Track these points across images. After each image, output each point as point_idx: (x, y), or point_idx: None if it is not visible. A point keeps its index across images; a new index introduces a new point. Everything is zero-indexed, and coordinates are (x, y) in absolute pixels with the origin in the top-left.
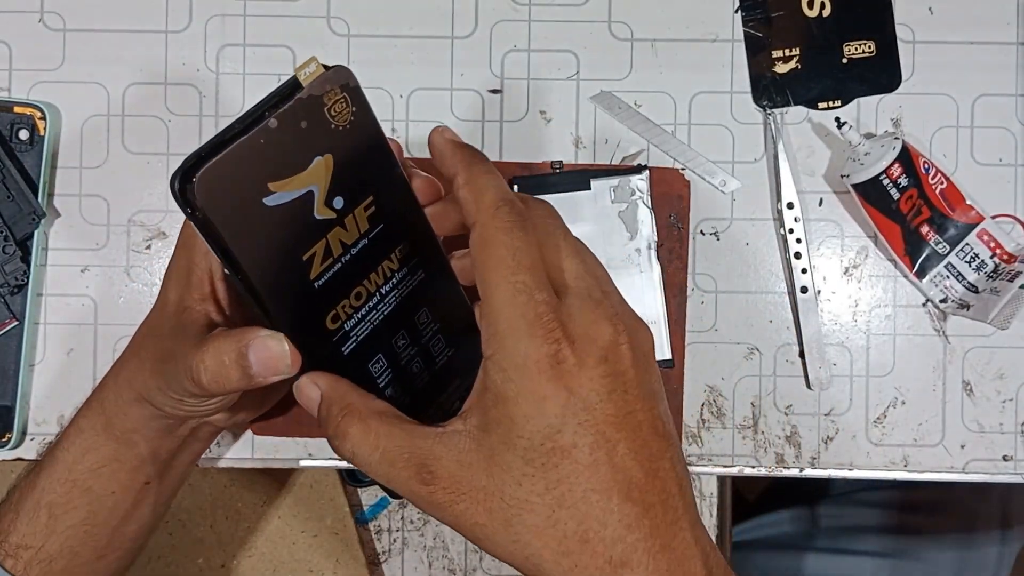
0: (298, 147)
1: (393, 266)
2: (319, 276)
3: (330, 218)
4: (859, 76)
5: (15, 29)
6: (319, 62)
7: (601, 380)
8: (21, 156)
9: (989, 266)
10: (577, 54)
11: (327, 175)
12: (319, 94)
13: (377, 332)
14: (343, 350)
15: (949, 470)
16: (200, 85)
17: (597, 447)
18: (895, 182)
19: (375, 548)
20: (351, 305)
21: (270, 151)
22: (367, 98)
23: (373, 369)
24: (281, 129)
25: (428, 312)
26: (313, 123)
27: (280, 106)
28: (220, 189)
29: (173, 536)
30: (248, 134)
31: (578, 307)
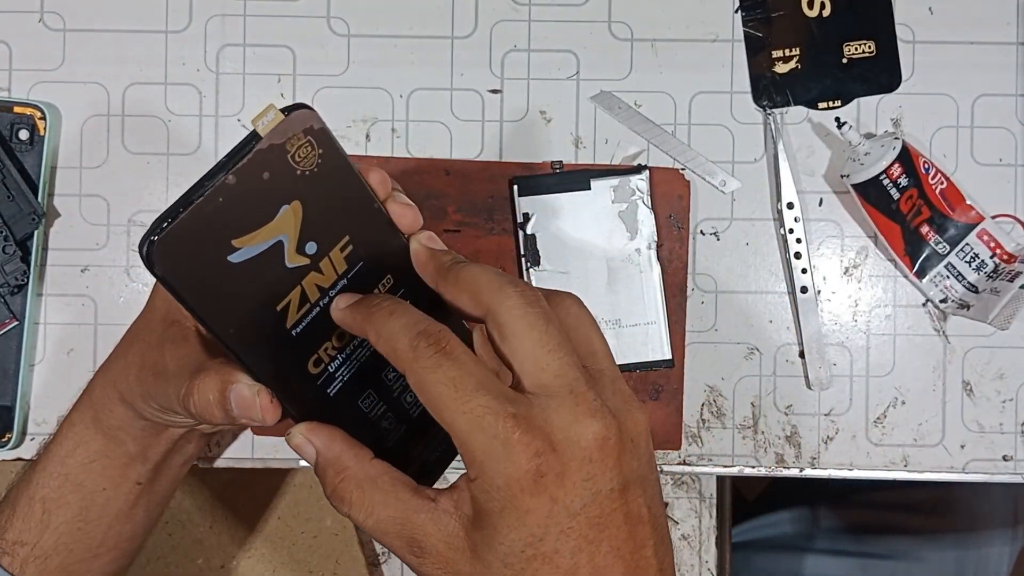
0: (262, 199)
1: None
2: (296, 323)
3: (303, 264)
4: (859, 76)
5: (15, 29)
6: (277, 109)
7: (584, 484)
8: (21, 156)
9: (989, 266)
10: (577, 54)
11: (296, 223)
12: (280, 142)
13: (364, 368)
14: (328, 392)
15: (949, 470)
16: (200, 85)
17: (579, 551)
18: (895, 182)
19: (375, 549)
20: (333, 347)
21: (231, 208)
22: (334, 138)
23: (363, 406)
24: (241, 184)
25: None
26: (276, 172)
27: (238, 161)
28: (180, 253)
29: (173, 536)
30: (204, 195)
31: (556, 407)
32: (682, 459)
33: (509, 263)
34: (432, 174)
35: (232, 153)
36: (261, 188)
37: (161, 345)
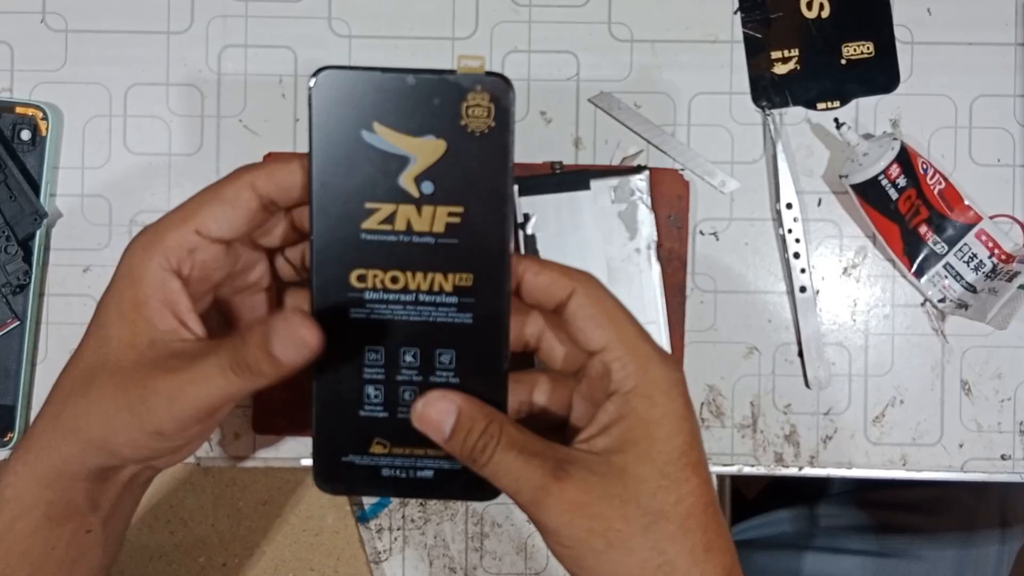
0: (420, 115)
1: (445, 286)
2: (370, 232)
3: (410, 193)
4: (858, 77)
5: (17, 30)
6: (484, 63)
7: None
8: (23, 156)
9: (987, 266)
10: (577, 55)
11: (431, 157)
12: (465, 87)
13: (391, 328)
14: (350, 313)
15: (947, 469)
16: (202, 86)
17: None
18: (893, 182)
19: (376, 547)
20: (383, 281)
21: (392, 99)
22: (512, 122)
23: (367, 356)
24: (414, 89)
25: (453, 357)
26: (445, 107)
27: (425, 72)
28: (334, 94)
29: (175, 535)
30: (383, 71)
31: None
32: None
33: None
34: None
35: (426, 70)
36: (424, 106)
37: (146, 369)
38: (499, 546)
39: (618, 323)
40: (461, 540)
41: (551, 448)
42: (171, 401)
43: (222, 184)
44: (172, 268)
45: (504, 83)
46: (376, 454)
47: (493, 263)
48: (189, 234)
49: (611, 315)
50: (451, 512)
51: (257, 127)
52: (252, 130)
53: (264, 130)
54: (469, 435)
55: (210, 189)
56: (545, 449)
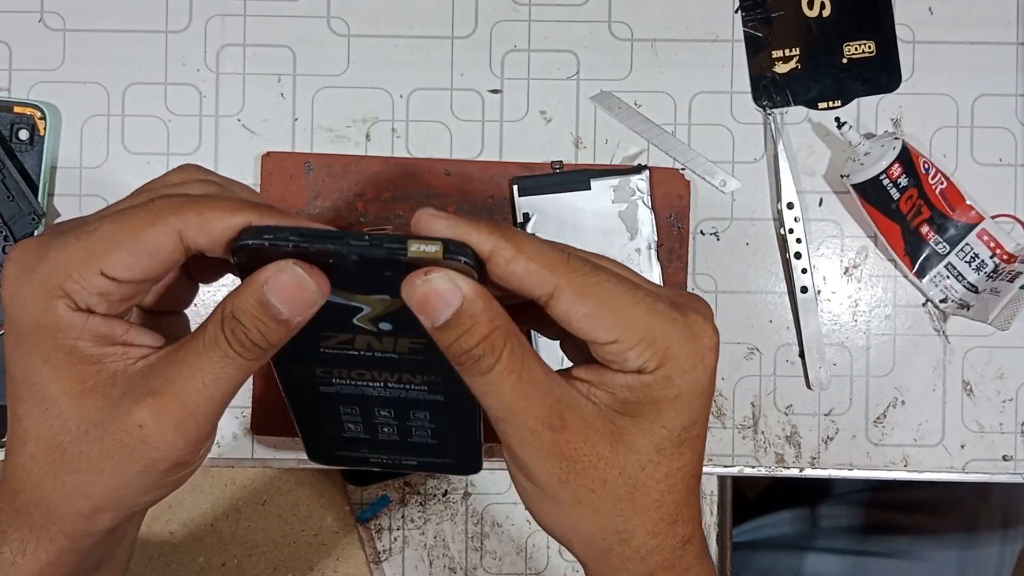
0: (369, 281)
1: (414, 380)
2: (329, 347)
3: (369, 329)
4: (859, 76)
5: (15, 29)
6: (441, 251)
7: None
8: (21, 156)
9: (989, 266)
10: (577, 54)
11: (386, 308)
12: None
13: (362, 394)
14: (320, 389)
15: (949, 470)
16: (200, 85)
17: (705, 431)
18: (895, 182)
19: (376, 547)
20: (349, 375)
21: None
22: None
23: (343, 410)
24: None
25: (428, 415)
26: (398, 278)
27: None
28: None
29: (174, 535)
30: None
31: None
32: None
33: None
34: (432, 174)
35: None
36: (373, 275)
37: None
38: (499, 546)
39: (622, 312)
40: (461, 540)
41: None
42: (181, 423)
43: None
44: (81, 308)
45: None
46: (364, 452)
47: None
48: (94, 276)
49: (613, 306)
50: (451, 512)
51: (255, 126)
52: (250, 129)
53: (263, 129)
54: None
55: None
56: (544, 382)
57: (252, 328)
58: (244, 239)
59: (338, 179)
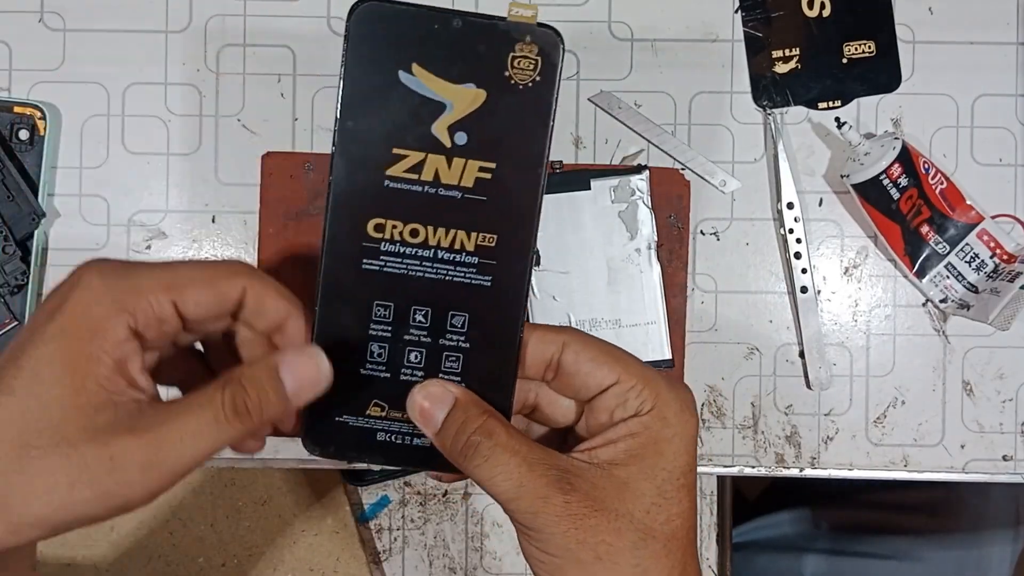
0: (462, 61)
1: (467, 245)
2: (394, 179)
3: (442, 143)
4: (859, 76)
5: (15, 29)
6: (536, 13)
7: None
8: (21, 156)
9: (989, 266)
10: (577, 54)
11: (469, 106)
12: (513, 37)
13: (404, 284)
14: (363, 263)
15: (949, 470)
16: (200, 85)
17: (696, 490)
18: (895, 182)
19: (376, 547)
20: (401, 234)
21: (434, 41)
22: (557, 79)
23: (376, 311)
24: (459, 32)
25: (466, 321)
26: (489, 55)
27: (473, 15)
28: (373, 29)
29: (174, 535)
30: (428, 10)
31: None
32: None
33: None
34: None
35: (474, 13)
36: (468, 52)
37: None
38: (499, 546)
39: (620, 358)
40: (461, 540)
41: (551, 455)
42: (149, 467)
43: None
44: (137, 329)
45: (555, 36)
46: (373, 416)
47: (520, 226)
48: (167, 304)
49: (611, 352)
50: (451, 512)
51: (256, 126)
52: (251, 130)
53: (263, 129)
54: (463, 427)
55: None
56: (546, 456)
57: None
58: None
59: None
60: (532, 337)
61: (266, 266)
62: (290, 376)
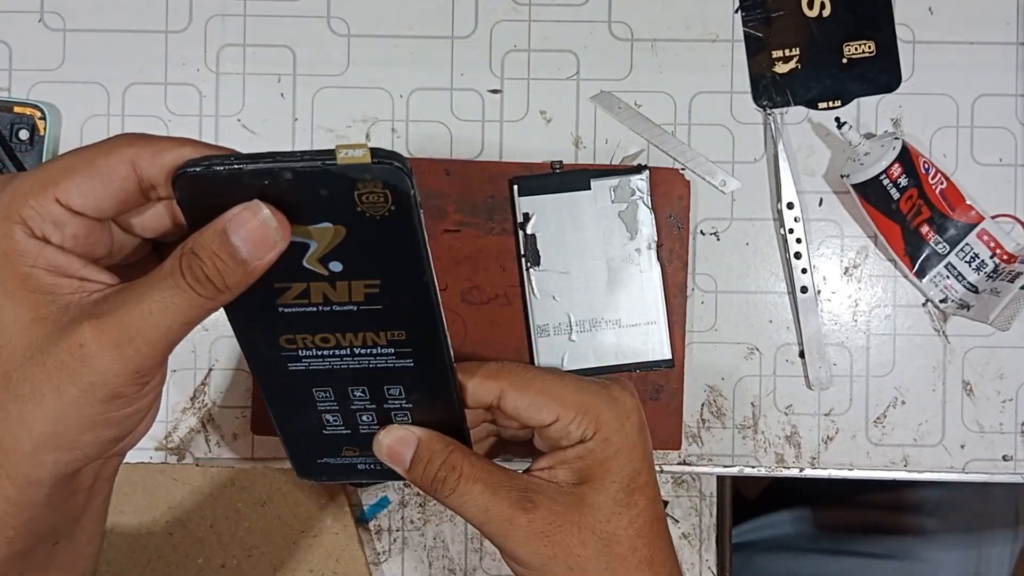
0: (308, 205)
1: (379, 341)
2: (287, 305)
3: (320, 272)
4: (859, 76)
5: (15, 29)
6: (368, 151)
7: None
8: (21, 156)
9: (989, 266)
10: (577, 54)
11: (331, 241)
12: (354, 177)
13: (334, 373)
14: (289, 366)
15: (949, 470)
16: (200, 85)
17: (653, 477)
18: (895, 182)
19: (375, 548)
20: (313, 342)
21: (273, 192)
22: (415, 205)
23: (317, 394)
24: (294, 183)
25: (402, 390)
26: (335, 197)
27: (304, 165)
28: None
29: (173, 536)
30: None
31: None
32: (682, 459)
33: (509, 263)
34: (432, 174)
35: (308, 153)
36: (311, 196)
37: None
38: None
39: (556, 395)
40: (460, 541)
41: (512, 478)
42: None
43: (96, 152)
44: (38, 237)
45: (397, 169)
46: (349, 456)
47: (423, 320)
48: (49, 203)
49: (547, 392)
50: (451, 513)
51: (255, 126)
52: (250, 130)
53: (263, 129)
54: (429, 464)
55: (82, 153)
56: (507, 479)
57: (209, 263)
58: (185, 167)
59: None
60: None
61: None
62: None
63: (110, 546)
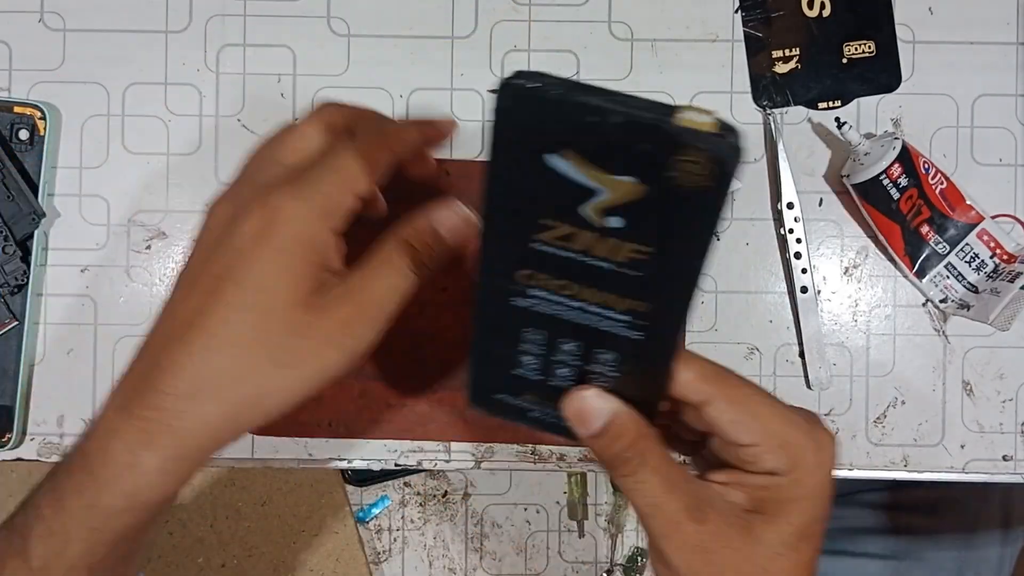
0: (619, 154)
1: (617, 305)
2: (543, 243)
3: (594, 222)
4: (859, 76)
5: (15, 29)
6: (714, 123)
7: None
8: (21, 156)
9: (989, 266)
10: (577, 54)
11: (625, 196)
12: (681, 141)
13: (553, 320)
14: (511, 300)
15: (949, 470)
16: (200, 85)
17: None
18: (895, 182)
19: (375, 547)
20: (549, 286)
21: (590, 131)
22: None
23: (526, 334)
24: (619, 128)
25: (616, 358)
26: (652, 154)
27: (634, 114)
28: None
29: (173, 536)
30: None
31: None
32: (682, 460)
33: None
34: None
35: (644, 102)
36: (628, 147)
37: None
38: (499, 546)
39: (764, 421)
40: (461, 541)
41: (690, 481)
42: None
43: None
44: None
45: (733, 148)
46: (527, 401)
47: (675, 302)
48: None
49: (756, 414)
50: (451, 513)
51: (256, 126)
52: (251, 129)
53: (263, 129)
54: (618, 441)
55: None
56: (685, 481)
57: (424, 252)
58: (516, 77)
59: None
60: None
61: None
62: (445, 230)
63: None
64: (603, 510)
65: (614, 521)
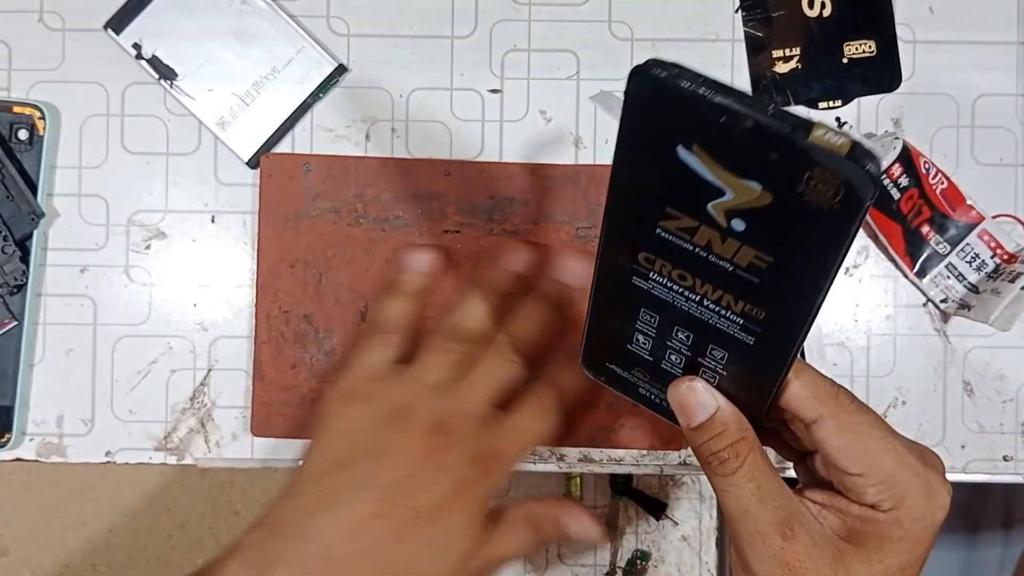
0: (748, 159)
1: (733, 306)
2: (667, 231)
3: (718, 221)
4: (859, 76)
5: (14, 28)
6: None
7: None
8: (20, 156)
9: (990, 266)
10: (577, 54)
11: (750, 200)
12: (814, 159)
13: (670, 307)
14: (633, 280)
15: (949, 470)
16: None
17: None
18: (895, 182)
19: None
20: (669, 272)
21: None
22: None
23: (643, 314)
24: (749, 133)
25: (726, 356)
26: (781, 165)
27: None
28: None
29: (172, 537)
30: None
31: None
32: (682, 460)
33: None
34: (432, 174)
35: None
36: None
37: None
38: None
39: (874, 454)
40: None
41: (784, 494)
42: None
43: None
44: None
45: (866, 176)
46: (637, 376)
47: (792, 315)
48: None
49: (868, 446)
50: None
51: None
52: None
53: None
54: (717, 439)
55: None
56: (779, 492)
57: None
58: (649, 66)
59: (337, 180)
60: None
61: (266, 267)
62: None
63: (110, 547)
64: (603, 512)
65: (613, 523)
